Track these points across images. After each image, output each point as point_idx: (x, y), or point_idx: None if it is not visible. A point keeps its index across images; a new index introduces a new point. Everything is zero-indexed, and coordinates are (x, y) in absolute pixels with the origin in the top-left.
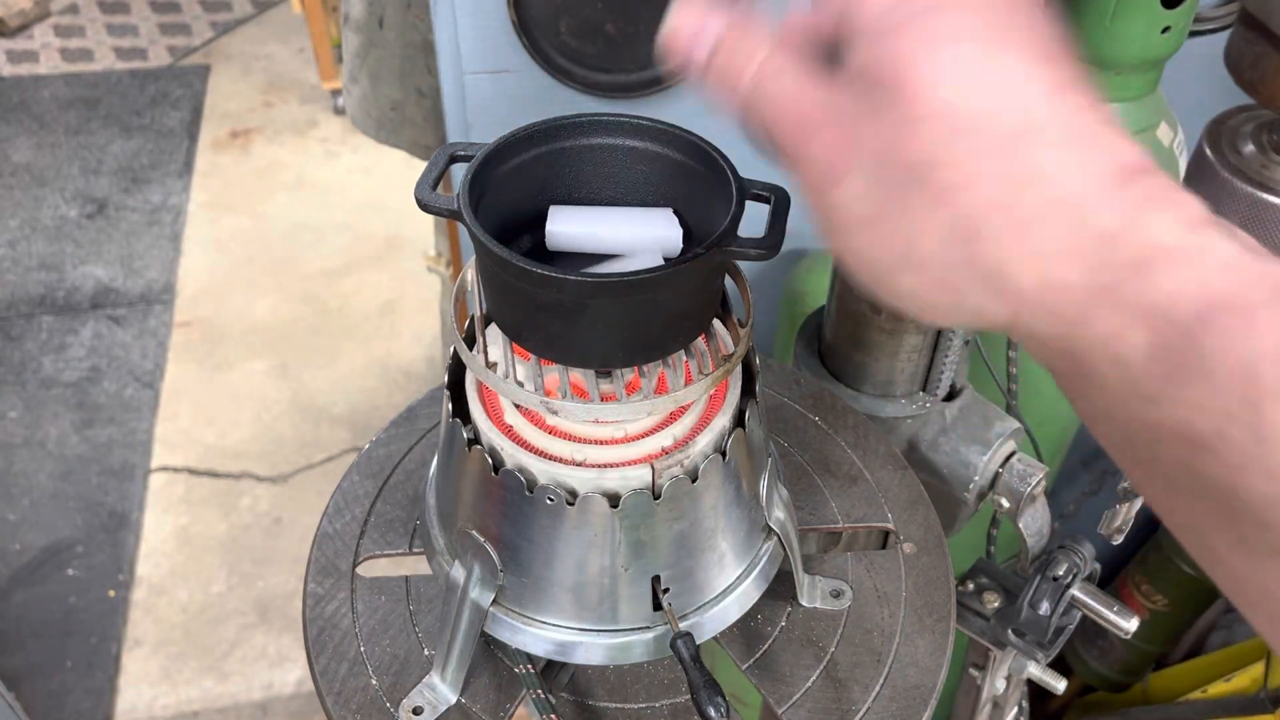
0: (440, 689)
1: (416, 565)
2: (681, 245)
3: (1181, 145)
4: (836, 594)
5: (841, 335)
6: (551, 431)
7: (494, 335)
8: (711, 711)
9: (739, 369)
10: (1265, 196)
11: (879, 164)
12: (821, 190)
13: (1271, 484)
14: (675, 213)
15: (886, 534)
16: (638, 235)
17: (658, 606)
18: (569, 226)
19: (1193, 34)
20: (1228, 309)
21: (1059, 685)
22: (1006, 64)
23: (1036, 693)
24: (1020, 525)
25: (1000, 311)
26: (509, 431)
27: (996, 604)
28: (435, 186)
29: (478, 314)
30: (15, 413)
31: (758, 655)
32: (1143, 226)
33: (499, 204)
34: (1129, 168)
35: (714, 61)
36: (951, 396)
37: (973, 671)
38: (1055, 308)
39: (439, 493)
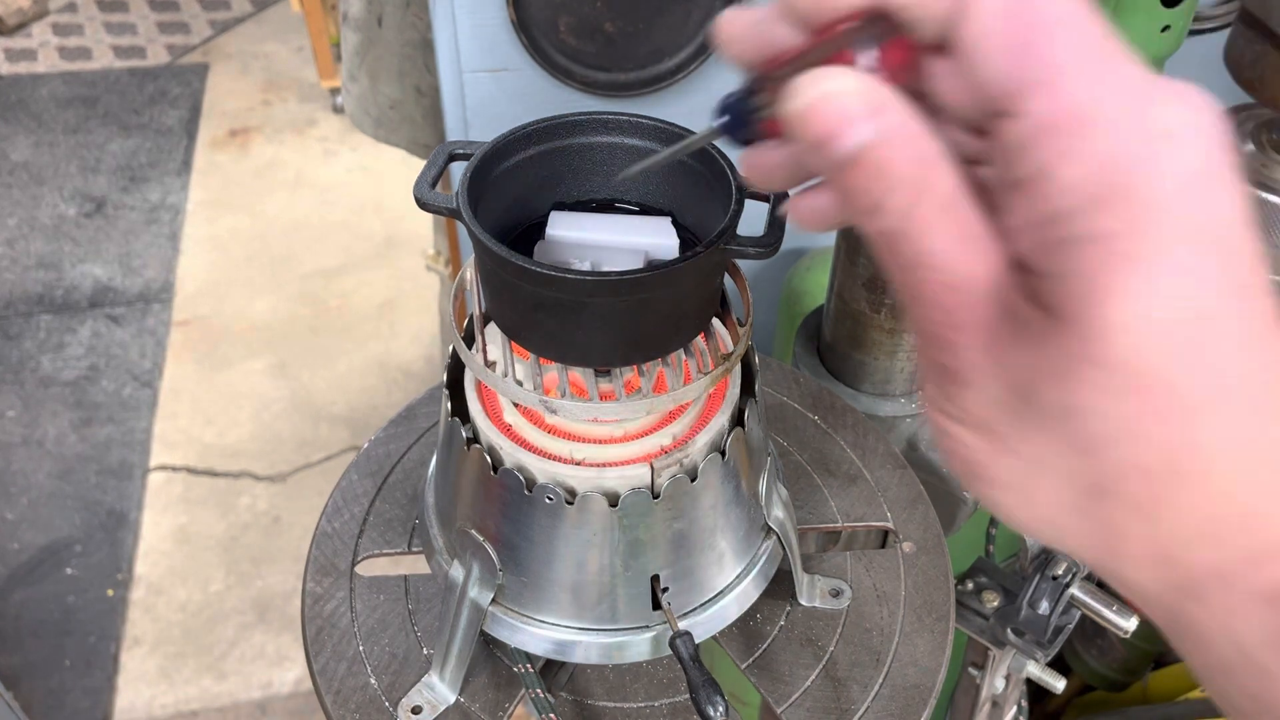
0: (439, 688)
1: (415, 564)
2: (678, 254)
3: None
4: (836, 593)
5: (841, 334)
6: (550, 430)
7: (493, 334)
8: (710, 711)
9: (738, 368)
10: (1265, 196)
11: (1022, 388)
12: (940, 376)
13: None
14: (674, 212)
15: (886, 533)
16: (635, 243)
17: (657, 606)
18: (568, 233)
19: (1193, 33)
20: None
21: (1058, 684)
22: (1208, 311)
23: (1036, 692)
24: None
25: (1100, 561)
26: (508, 430)
27: (996, 603)
28: (434, 185)
29: (477, 313)
30: (14, 412)
31: (757, 654)
32: None
33: (498, 202)
34: None
35: (863, 160)
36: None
37: (972, 671)
38: (1167, 577)
39: (438, 492)
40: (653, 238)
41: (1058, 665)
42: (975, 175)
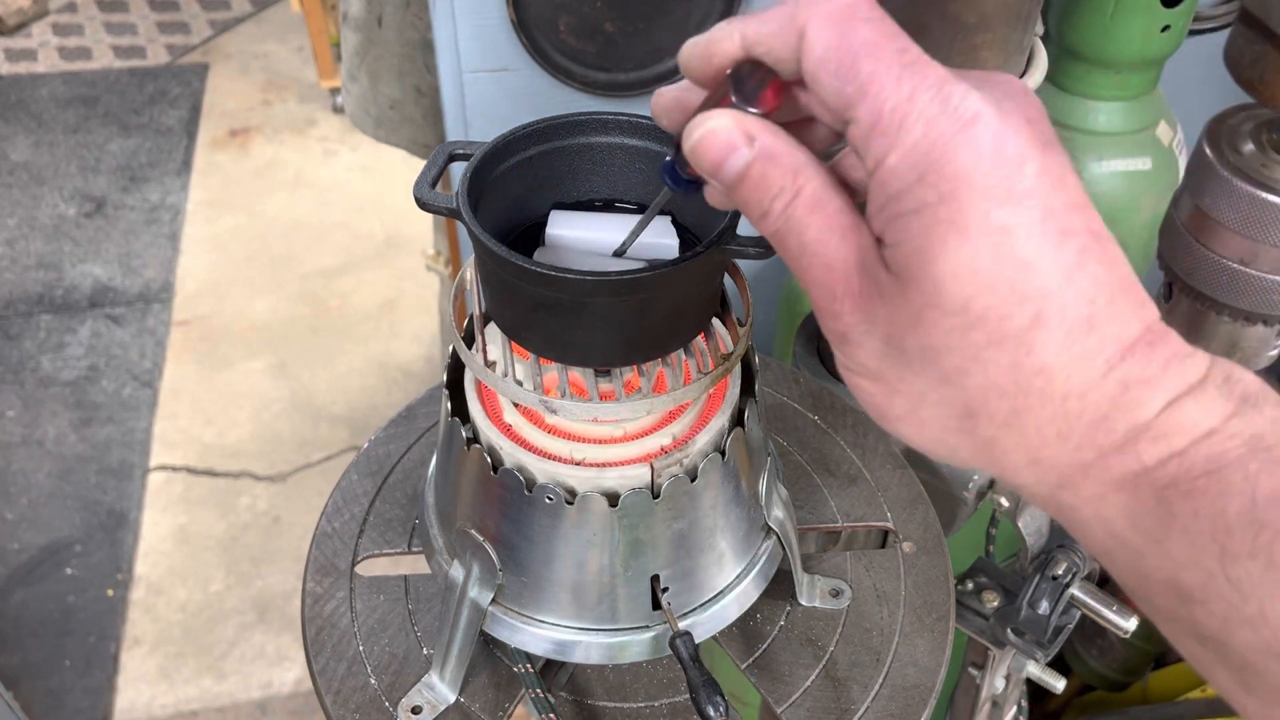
0: (439, 688)
1: (415, 564)
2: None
3: (1181, 144)
4: (836, 593)
5: None
6: (550, 430)
7: (493, 334)
8: (710, 711)
9: (738, 368)
10: (1265, 196)
11: (893, 338)
12: (834, 340)
13: (1257, 634)
14: (674, 212)
15: (886, 533)
16: (636, 242)
17: (657, 606)
18: (568, 231)
19: (1192, 33)
20: (1203, 473)
21: (1058, 684)
22: (1020, 255)
23: (1036, 692)
24: (1019, 524)
25: (990, 469)
26: (508, 430)
27: (996, 603)
28: (434, 185)
29: (476, 313)
30: (13, 412)
31: (757, 654)
32: (1127, 409)
33: (498, 202)
34: (1128, 344)
35: (747, 177)
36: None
37: (972, 671)
38: (1041, 476)
39: (438, 492)
40: (653, 238)
41: (1058, 665)
42: (845, 168)
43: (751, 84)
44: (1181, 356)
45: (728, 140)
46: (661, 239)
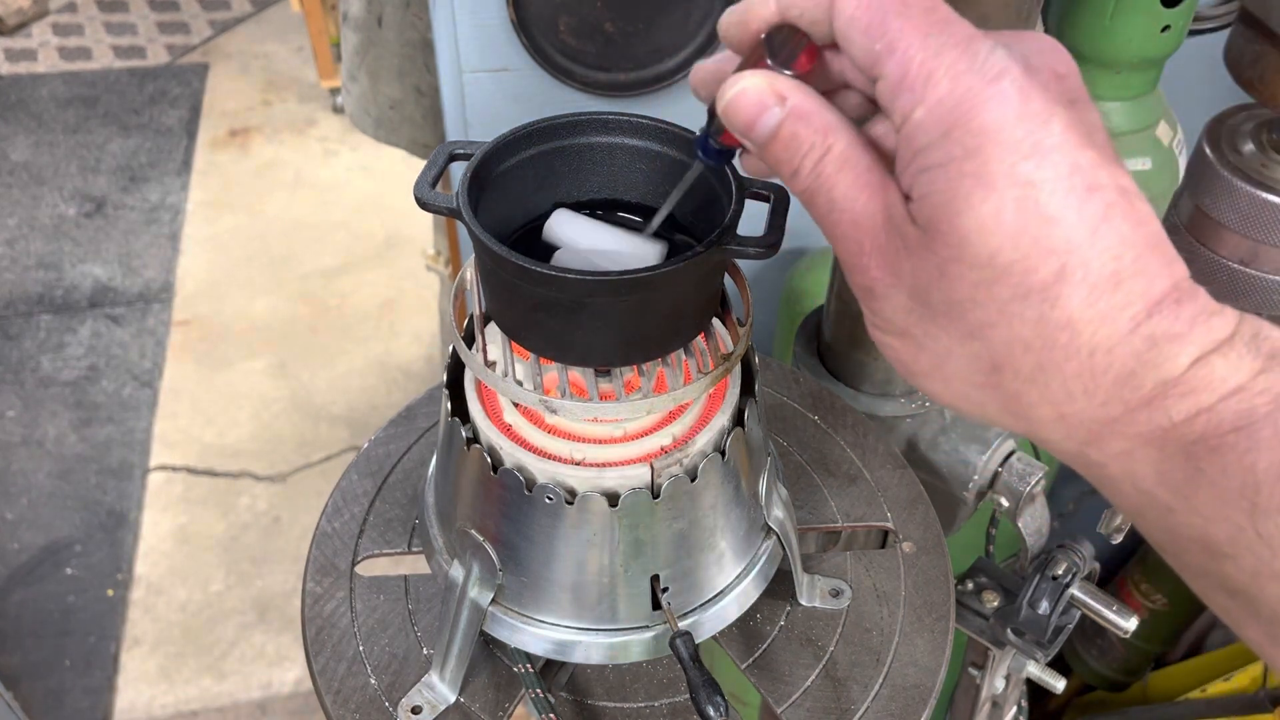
0: (439, 688)
1: (415, 564)
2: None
3: (1181, 144)
4: (836, 593)
5: (841, 334)
6: (550, 430)
7: (493, 334)
8: (710, 711)
9: (738, 368)
10: (1265, 196)
11: (919, 292)
12: (862, 295)
13: None
14: (674, 212)
15: (886, 533)
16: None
17: (657, 606)
18: (568, 233)
19: (1192, 33)
20: (1232, 429)
21: (1058, 684)
22: (1046, 210)
23: (1036, 692)
24: (1019, 524)
25: (1016, 425)
26: (508, 430)
27: (996, 603)
28: (434, 185)
29: (477, 312)
30: (13, 412)
31: (757, 654)
32: (1155, 365)
33: (498, 202)
34: (1155, 300)
35: (778, 136)
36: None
37: (972, 671)
38: (1068, 432)
39: (438, 492)
40: (637, 248)
41: (1058, 665)
42: (876, 135)
43: (786, 48)
44: (1210, 313)
45: (759, 99)
46: (644, 248)
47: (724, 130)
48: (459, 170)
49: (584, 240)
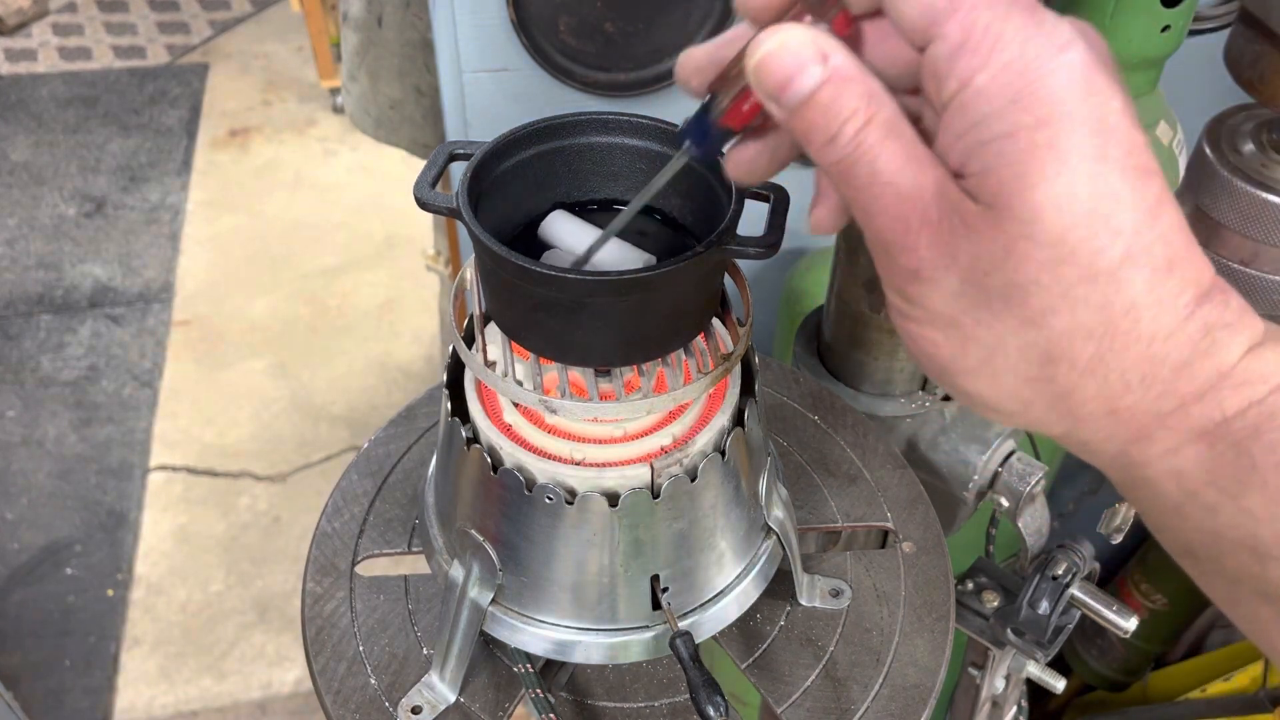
0: (439, 688)
1: (415, 564)
2: None
3: (1181, 144)
4: (836, 593)
5: (840, 334)
6: (550, 430)
7: (493, 334)
8: (710, 711)
9: (738, 368)
10: (1265, 196)
11: (973, 275)
12: (904, 280)
13: None
14: (673, 212)
15: (886, 533)
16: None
17: (657, 606)
18: (563, 234)
19: (1192, 33)
20: None
21: (1058, 684)
22: (1113, 188)
23: (1036, 692)
24: (1019, 524)
25: (1060, 425)
26: (508, 430)
27: (996, 603)
28: (434, 185)
29: (477, 312)
30: (13, 412)
31: (757, 654)
32: (1209, 354)
33: (498, 202)
34: (1204, 289)
35: (815, 99)
36: (950, 396)
37: (972, 671)
38: (1115, 429)
39: (438, 492)
40: (621, 254)
41: (1058, 665)
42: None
43: (823, 7)
44: (1247, 307)
45: (799, 56)
46: (631, 252)
47: (728, 110)
48: (459, 170)
49: (576, 243)
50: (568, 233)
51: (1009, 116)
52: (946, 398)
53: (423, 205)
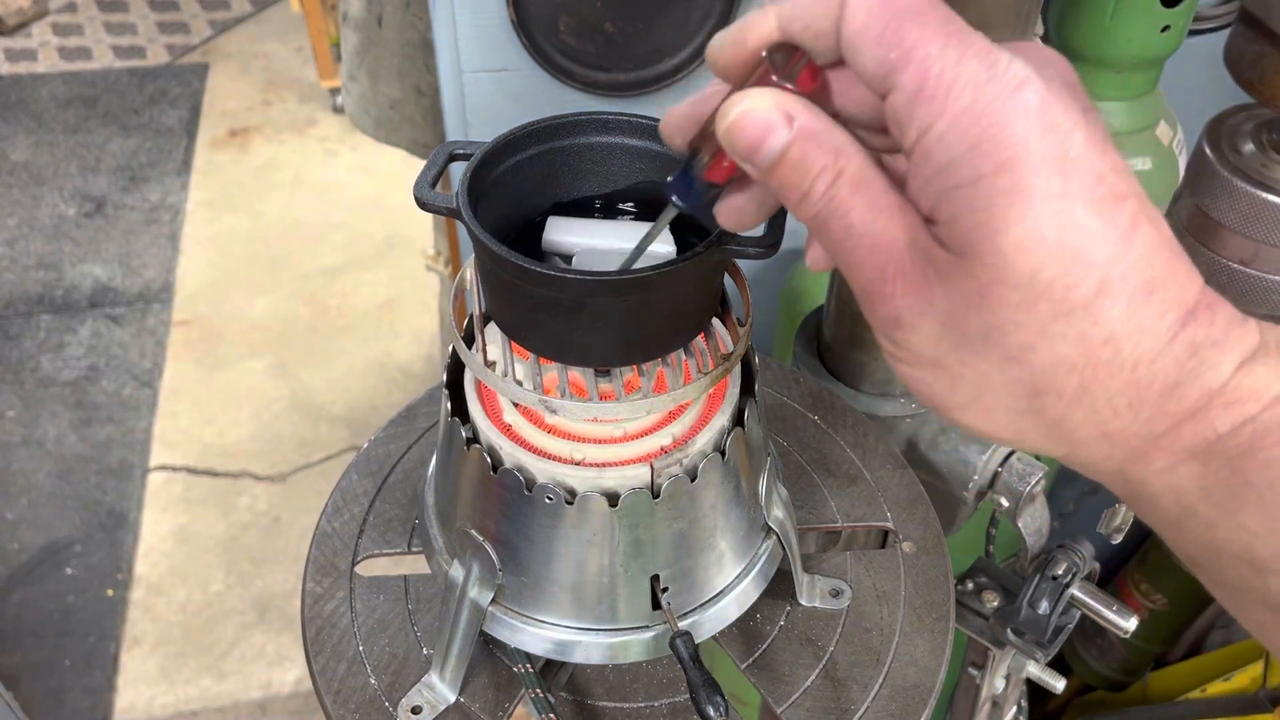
0: (439, 688)
1: (415, 564)
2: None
3: (1181, 144)
4: (836, 593)
5: (840, 334)
6: (550, 430)
7: (493, 334)
8: (710, 711)
9: (738, 368)
10: (1265, 196)
11: (951, 319)
12: (887, 326)
13: None
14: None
15: (886, 533)
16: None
17: (656, 606)
18: (566, 238)
19: (1192, 33)
20: (1277, 442)
21: (1058, 684)
22: (1080, 221)
23: (1036, 692)
24: (1019, 524)
25: (1058, 449)
26: (508, 430)
27: (996, 603)
28: (434, 185)
29: (476, 312)
30: (13, 412)
31: (757, 654)
32: (1198, 374)
33: (498, 202)
34: (1189, 307)
35: (785, 158)
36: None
37: (972, 671)
38: (1111, 451)
39: (438, 492)
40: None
41: (1058, 665)
42: (881, 163)
43: (786, 66)
44: (1239, 320)
45: (765, 120)
46: (658, 245)
47: (710, 166)
48: (459, 170)
49: (590, 240)
50: (576, 232)
51: (969, 163)
52: None
53: (423, 205)
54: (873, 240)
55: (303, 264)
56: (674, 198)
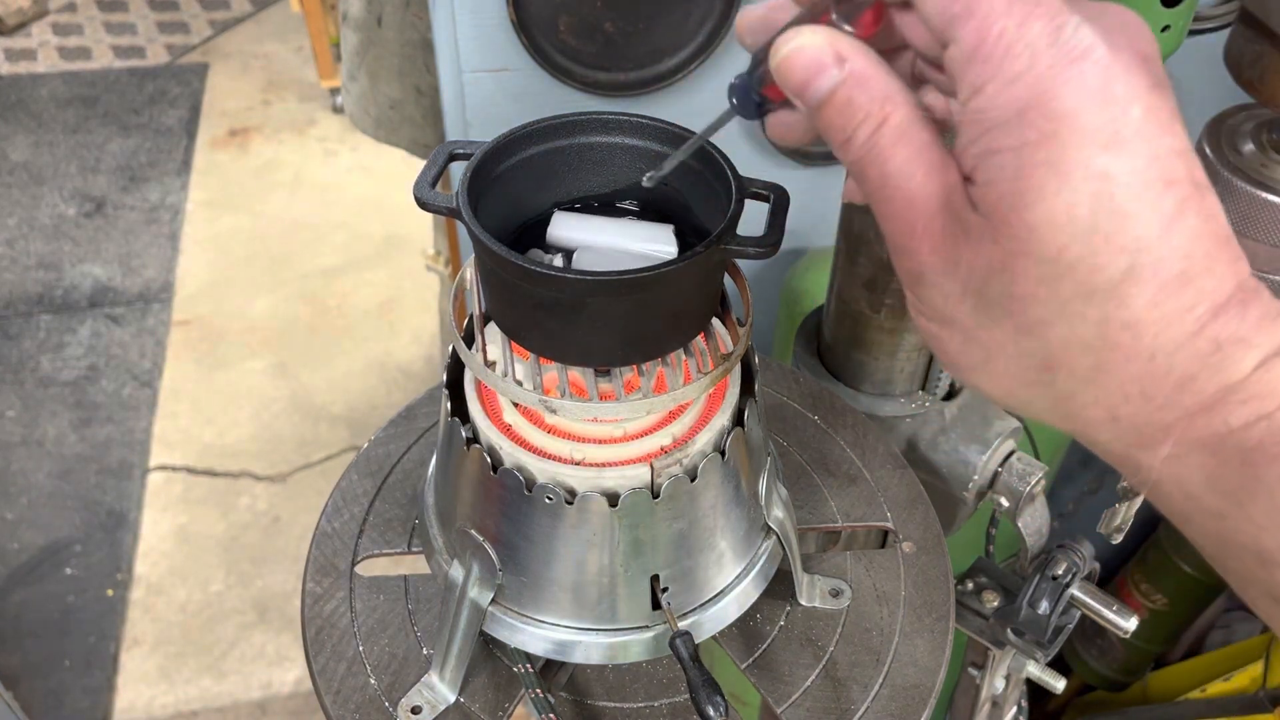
0: (439, 688)
1: (415, 564)
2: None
3: None
4: (835, 593)
5: (840, 334)
6: (550, 430)
7: (493, 334)
8: (710, 711)
9: (738, 368)
10: (1265, 196)
11: (975, 282)
12: (910, 280)
13: None
14: (674, 213)
15: (885, 533)
16: (633, 249)
17: (656, 606)
18: (572, 234)
19: (1192, 33)
20: None
21: (1058, 684)
22: (1119, 205)
23: (1035, 692)
24: (1019, 524)
25: (1064, 424)
26: (508, 430)
27: (996, 603)
28: (434, 185)
29: (476, 312)
30: (13, 412)
31: (757, 654)
32: (1218, 369)
33: (498, 202)
34: (1220, 301)
35: (833, 100)
36: (951, 395)
37: (972, 671)
38: (1118, 434)
39: (438, 492)
40: (651, 245)
41: (1058, 665)
42: (940, 109)
43: (852, 3)
44: (1273, 315)
45: (817, 59)
46: (661, 246)
47: (769, 84)
48: (459, 170)
49: (594, 237)
50: (581, 229)
51: (1014, 130)
52: (947, 397)
53: (423, 205)
54: (907, 193)
55: (303, 264)
56: (733, 100)
